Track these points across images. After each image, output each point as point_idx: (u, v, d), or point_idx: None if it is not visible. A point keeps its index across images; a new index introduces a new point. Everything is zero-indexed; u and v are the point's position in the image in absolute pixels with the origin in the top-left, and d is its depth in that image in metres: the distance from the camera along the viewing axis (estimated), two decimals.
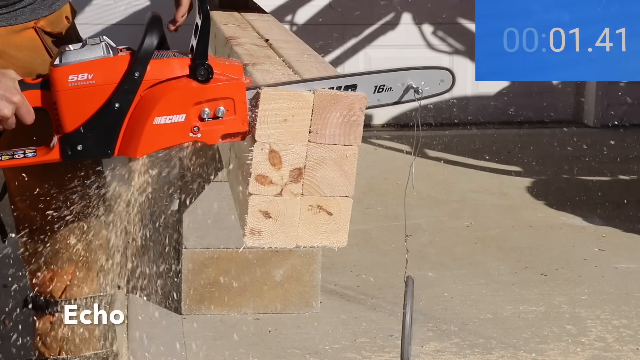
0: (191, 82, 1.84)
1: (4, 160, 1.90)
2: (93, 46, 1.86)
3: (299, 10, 6.47)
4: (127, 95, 1.84)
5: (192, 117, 1.84)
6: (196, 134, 1.85)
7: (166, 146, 1.87)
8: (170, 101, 1.83)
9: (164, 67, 1.85)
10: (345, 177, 1.82)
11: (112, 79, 1.84)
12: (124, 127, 1.85)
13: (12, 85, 1.86)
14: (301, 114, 1.78)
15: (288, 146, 1.79)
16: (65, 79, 1.83)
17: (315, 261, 3.55)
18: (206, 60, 1.84)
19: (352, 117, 1.79)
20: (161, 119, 1.83)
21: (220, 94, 1.84)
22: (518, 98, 6.68)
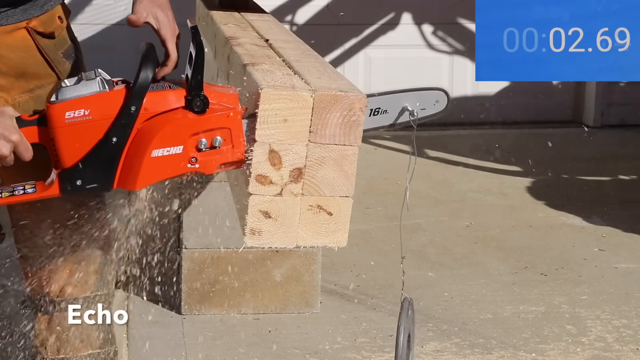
0: (187, 113, 1.85)
1: (4, 198, 1.92)
2: (88, 81, 1.87)
3: (299, 10, 6.47)
4: (124, 130, 1.85)
5: (190, 148, 1.85)
6: (194, 165, 1.86)
7: (165, 178, 1.89)
8: (167, 134, 1.84)
9: (160, 100, 1.86)
10: (345, 177, 1.82)
11: (109, 114, 1.85)
12: (122, 160, 1.86)
13: (10, 123, 1.87)
14: (301, 114, 1.78)
15: (288, 146, 1.78)
16: (62, 115, 1.85)
17: (315, 261, 3.55)
18: (202, 91, 1.85)
19: (352, 117, 1.79)
20: (159, 152, 1.84)
21: (217, 124, 1.85)
22: (518, 98, 6.68)
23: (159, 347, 3.26)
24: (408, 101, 2.10)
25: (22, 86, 2.17)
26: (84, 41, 6.07)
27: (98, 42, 6.02)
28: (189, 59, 1.93)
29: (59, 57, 2.21)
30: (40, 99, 2.18)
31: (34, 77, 2.18)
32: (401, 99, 2.10)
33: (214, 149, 1.86)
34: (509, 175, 5.44)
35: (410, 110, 2.10)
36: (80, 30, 6.08)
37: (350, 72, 6.45)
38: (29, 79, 2.17)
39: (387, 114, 2.10)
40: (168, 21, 1.99)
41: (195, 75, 1.86)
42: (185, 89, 1.87)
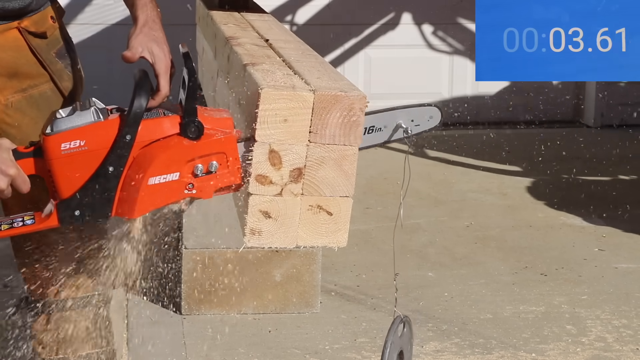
0: (182, 140, 1.85)
1: (3, 230, 1.93)
2: (83, 112, 1.87)
3: (299, 10, 6.47)
4: (120, 159, 1.85)
5: (186, 175, 1.85)
6: (191, 191, 1.87)
7: (162, 205, 1.89)
8: (163, 161, 1.85)
9: (155, 128, 1.86)
10: (345, 177, 1.82)
11: (104, 144, 1.85)
12: (119, 189, 1.87)
13: (7, 157, 1.87)
14: (301, 114, 1.78)
15: (288, 146, 1.78)
16: (58, 147, 1.85)
17: (315, 261, 3.55)
18: (196, 117, 1.85)
19: (352, 118, 1.79)
20: (155, 179, 1.85)
21: (212, 150, 1.85)
22: (518, 98, 6.68)
23: (159, 347, 3.26)
24: (402, 118, 2.12)
25: (15, 86, 2.17)
26: (84, 41, 6.09)
27: (98, 42, 6.03)
28: (182, 84, 1.94)
29: (52, 57, 2.21)
30: (33, 99, 2.19)
31: (26, 77, 2.18)
32: (395, 116, 2.12)
33: (211, 174, 1.86)
34: (509, 175, 5.44)
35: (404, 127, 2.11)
36: (80, 30, 6.08)
37: (350, 72, 6.45)
38: (21, 78, 2.17)
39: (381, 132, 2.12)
40: (164, 56, 1.99)
41: (189, 100, 1.86)
42: (180, 115, 1.87)
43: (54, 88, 2.22)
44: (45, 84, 2.20)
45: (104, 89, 6.04)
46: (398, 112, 2.12)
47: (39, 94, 2.19)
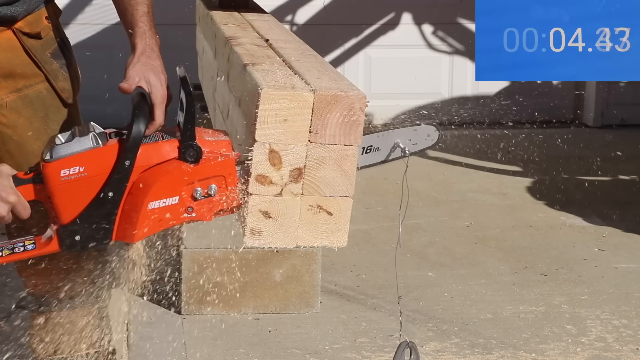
0: (181, 164, 1.86)
1: (4, 256, 1.94)
2: (82, 138, 1.88)
3: (299, 10, 6.47)
4: (119, 184, 1.86)
5: (186, 198, 1.86)
6: (190, 214, 1.88)
7: (162, 228, 1.90)
8: (162, 186, 1.85)
9: (154, 152, 1.87)
10: (345, 177, 1.82)
11: (104, 170, 1.86)
12: (119, 214, 1.88)
13: (7, 184, 1.88)
14: (301, 114, 1.78)
15: (288, 146, 1.78)
16: (57, 173, 1.86)
17: (315, 261, 3.55)
18: (194, 141, 1.86)
19: (352, 117, 1.79)
20: (155, 204, 1.86)
21: (211, 173, 1.86)
22: (518, 98, 6.68)
23: (159, 347, 3.26)
24: (400, 138, 2.13)
25: (10, 86, 2.17)
26: (84, 41, 6.09)
27: (98, 42, 6.03)
28: (180, 106, 1.94)
29: (47, 57, 2.21)
30: (28, 99, 2.19)
31: (21, 77, 2.18)
32: (393, 136, 2.13)
33: (210, 197, 1.87)
34: (509, 175, 5.44)
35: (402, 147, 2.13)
36: (80, 30, 6.09)
37: (350, 72, 6.45)
38: (16, 79, 2.17)
39: (380, 151, 2.13)
40: (160, 86, 1.99)
41: (188, 124, 1.87)
42: (178, 139, 1.88)
43: (49, 88, 2.22)
44: (41, 84, 2.20)
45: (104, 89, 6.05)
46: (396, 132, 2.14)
47: (34, 94, 2.19)
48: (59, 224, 1.89)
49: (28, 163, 2.20)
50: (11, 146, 2.20)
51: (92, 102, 5.89)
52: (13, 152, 2.19)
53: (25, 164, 2.20)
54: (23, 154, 2.20)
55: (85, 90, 2.48)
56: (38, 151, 2.20)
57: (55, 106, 2.23)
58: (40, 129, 2.20)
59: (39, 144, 2.20)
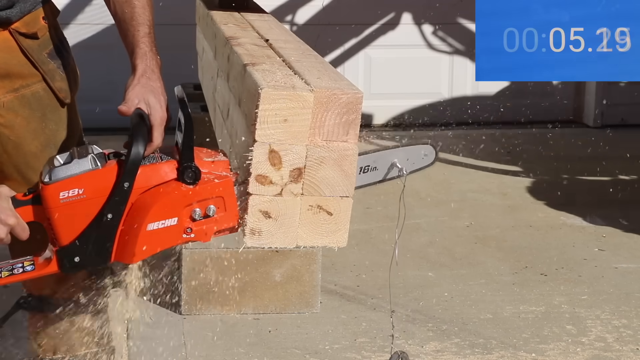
0: (180, 185, 1.86)
1: (4, 278, 1.94)
2: (81, 160, 1.88)
3: (299, 10, 6.47)
4: (118, 206, 1.86)
5: (184, 219, 1.87)
6: (189, 235, 1.88)
7: (161, 249, 1.90)
8: (161, 207, 1.86)
9: (153, 174, 1.87)
10: (345, 177, 1.82)
11: (103, 192, 1.86)
12: (118, 235, 1.88)
13: (6, 205, 1.89)
14: (301, 114, 1.78)
15: (288, 146, 1.78)
16: (56, 196, 1.86)
17: (315, 261, 3.55)
18: (193, 162, 1.86)
19: (352, 116, 1.79)
20: (154, 225, 1.86)
21: (210, 194, 1.87)
22: (518, 98, 6.68)
23: (159, 347, 3.26)
24: (397, 157, 2.14)
25: (7, 86, 2.17)
26: (84, 41, 6.09)
27: (98, 42, 6.03)
28: (178, 125, 1.95)
29: (44, 57, 2.21)
30: (25, 99, 2.19)
31: (18, 77, 2.18)
32: (390, 156, 2.13)
33: (208, 218, 1.87)
34: (509, 175, 5.44)
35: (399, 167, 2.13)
36: (80, 30, 6.09)
37: (350, 72, 6.45)
38: (13, 79, 2.17)
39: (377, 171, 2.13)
40: (160, 107, 1.99)
41: (186, 145, 1.88)
42: (176, 159, 1.89)
43: (46, 88, 2.22)
44: (38, 84, 2.20)
45: (104, 88, 6.05)
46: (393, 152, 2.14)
47: (31, 94, 2.19)
48: (58, 245, 1.90)
49: (26, 163, 2.20)
50: (9, 146, 2.20)
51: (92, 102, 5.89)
52: (10, 152, 2.19)
53: (23, 163, 2.20)
54: (21, 154, 2.20)
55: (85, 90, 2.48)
56: (35, 151, 2.21)
57: (53, 106, 2.23)
58: (37, 129, 2.20)
59: (36, 144, 2.20)
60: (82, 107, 2.37)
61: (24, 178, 2.21)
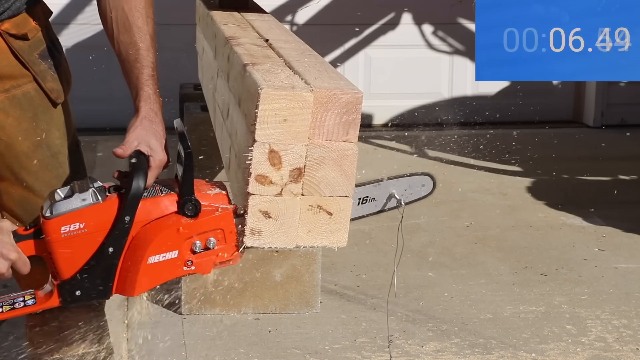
0: (180, 218, 1.87)
1: (5, 312, 1.94)
2: (82, 194, 1.88)
3: (299, 10, 6.47)
4: (119, 240, 1.87)
5: (185, 252, 1.88)
6: (190, 267, 1.89)
7: (162, 282, 1.92)
8: (161, 240, 1.87)
9: (153, 207, 1.89)
10: (345, 177, 1.82)
11: (104, 226, 1.87)
12: (119, 268, 1.89)
13: (7, 240, 1.89)
14: (301, 114, 1.78)
15: (288, 146, 1.78)
16: (58, 230, 1.87)
17: (315, 261, 3.55)
18: (193, 196, 1.87)
19: (352, 116, 1.79)
20: (155, 258, 1.87)
21: (210, 227, 1.88)
22: (518, 98, 6.68)
23: (159, 347, 3.26)
24: (395, 188, 2.15)
25: None
26: (84, 41, 6.09)
27: (98, 42, 6.02)
28: (178, 158, 1.96)
29: (35, 58, 2.20)
30: (16, 99, 2.18)
31: (9, 78, 2.17)
32: (388, 187, 2.14)
33: (209, 250, 1.89)
34: (509, 175, 5.44)
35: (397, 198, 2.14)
36: (80, 30, 6.08)
37: (350, 72, 6.45)
38: (3, 79, 2.17)
39: (375, 202, 2.14)
40: (161, 150, 1.99)
41: (186, 178, 1.88)
42: (177, 192, 1.89)
43: (38, 88, 2.21)
44: (29, 84, 2.20)
45: (104, 88, 6.05)
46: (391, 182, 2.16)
47: (22, 94, 2.19)
48: (60, 279, 1.90)
49: (19, 163, 2.20)
50: (0, 147, 2.20)
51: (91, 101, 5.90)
52: (2, 152, 2.19)
53: (16, 164, 2.20)
54: (13, 154, 2.20)
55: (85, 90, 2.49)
56: (27, 151, 2.21)
57: (44, 106, 2.23)
58: (29, 129, 2.20)
59: (28, 144, 2.20)
60: (82, 107, 2.37)
61: (17, 178, 2.21)
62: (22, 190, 2.21)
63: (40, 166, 2.23)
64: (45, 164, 2.24)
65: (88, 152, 4.20)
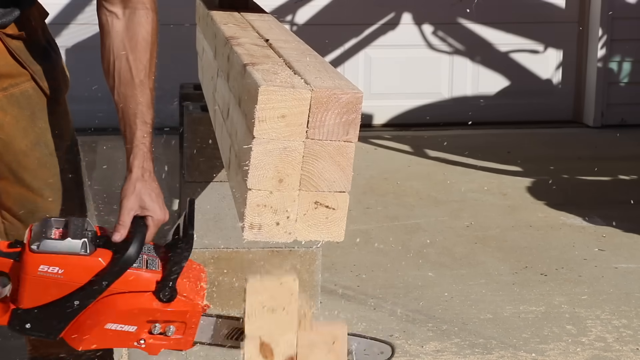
0: (153, 300, 1.88)
1: None
2: (73, 241, 1.87)
3: (299, 10, 6.47)
4: (88, 298, 1.88)
5: (142, 330, 1.90)
6: (140, 344, 1.91)
7: (107, 347, 1.94)
8: (127, 313, 1.88)
9: (133, 281, 1.88)
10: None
11: (80, 279, 1.87)
12: (76, 319, 1.89)
13: None
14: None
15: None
16: (36, 266, 1.86)
17: (315, 261, 3.55)
18: (174, 283, 1.88)
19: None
20: (113, 325, 1.88)
21: (176, 318, 1.90)
22: (518, 98, 6.69)
23: None
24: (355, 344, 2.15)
25: None
26: (84, 41, 6.09)
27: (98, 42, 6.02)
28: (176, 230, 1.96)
29: (31, 58, 2.21)
30: (14, 97, 2.19)
31: (7, 77, 2.18)
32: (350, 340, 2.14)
33: (165, 336, 1.91)
34: (509, 175, 5.44)
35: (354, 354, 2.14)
36: (80, 30, 6.08)
37: (350, 72, 6.45)
38: (1, 78, 2.17)
39: None
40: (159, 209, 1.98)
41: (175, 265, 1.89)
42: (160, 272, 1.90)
43: (36, 87, 2.21)
44: (27, 83, 2.20)
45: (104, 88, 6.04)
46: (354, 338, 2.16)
47: (20, 93, 2.19)
48: (17, 305, 1.90)
49: (17, 162, 2.21)
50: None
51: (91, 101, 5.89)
52: (0, 150, 2.20)
53: (14, 162, 2.20)
54: (11, 153, 2.20)
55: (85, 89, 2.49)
56: (25, 150, 2.21)
57: (42, 105, 2.23)
58: (27, 127, 2.21)
59: (26, 142, 2.21)
60: (82, 107, 2.38)
61: (16, 177, 2.21)
62: (20, 189, 2.21)
63: (38, 164, 2.23)
64: (43, 162, 2.24)
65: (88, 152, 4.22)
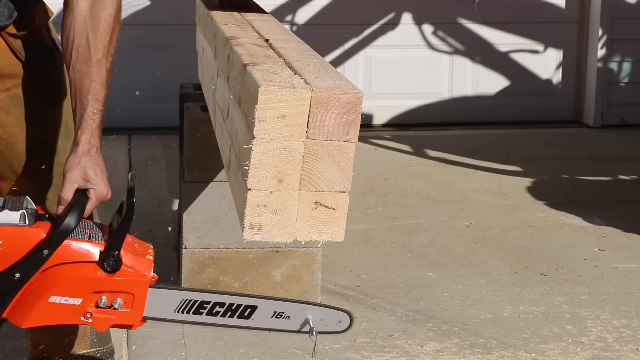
0: (97, 270, 1.85)
1: None
2: (11, 212, 1.85)
3: (299, 10, 6.47)
4: (29, 269, 1.84)
5: (88, 303, 1.86)
6: (87, 319, 1.87)
7: (53, 323, 1.88)
8: (71, 284, 1.84)
9: (75, 250, 1.85)
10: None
11: (20, 250, 1.83)
12: (18, 295, 1.85)
13: None
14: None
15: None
16: None
17: (315, 261, 3.55)
18: (118, 252, 1.84)
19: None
20: (57, 298, 1.84)
21: (122, 288, 1.86)
22: (518, 98, 6.69)
23: (159, 347, 3.26)
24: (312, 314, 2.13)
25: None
26: None
27: None
28: (118, 209, 1.93)
29: (35, 58, 2.21)
30: (17, 98, 2.19)
31: (10, 77, 2.18)
32: (306, 310, 2.13)
33: (112, 309, 1.87)
34: (509, 175, 5.44)
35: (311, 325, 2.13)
36: None
37: (350, 72, 6.45)
38: (4, 78, 2.18)
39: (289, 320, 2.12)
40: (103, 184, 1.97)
41: (118, 233, 1.86)
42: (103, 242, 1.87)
43: (39, 86, 2.22)
44: (30, 83, 2.21)
45: None
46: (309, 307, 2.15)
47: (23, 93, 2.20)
48: None
49: (19, 161, 2.21)
50: (1, 145, 2.20)
51: None
52: (3, 150, 2.20)
53: (16, 162, 2.21)
54: (14, 153, 2.21)
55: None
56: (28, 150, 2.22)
57: (46, 104, 2.24)
58: (30, 128, 2.21)
59: (29, 142, 2.21)
60: None
61: (17, 176, 2.22)
62: (22, 189, 2.22)
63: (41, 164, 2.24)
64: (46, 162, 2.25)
65: None
